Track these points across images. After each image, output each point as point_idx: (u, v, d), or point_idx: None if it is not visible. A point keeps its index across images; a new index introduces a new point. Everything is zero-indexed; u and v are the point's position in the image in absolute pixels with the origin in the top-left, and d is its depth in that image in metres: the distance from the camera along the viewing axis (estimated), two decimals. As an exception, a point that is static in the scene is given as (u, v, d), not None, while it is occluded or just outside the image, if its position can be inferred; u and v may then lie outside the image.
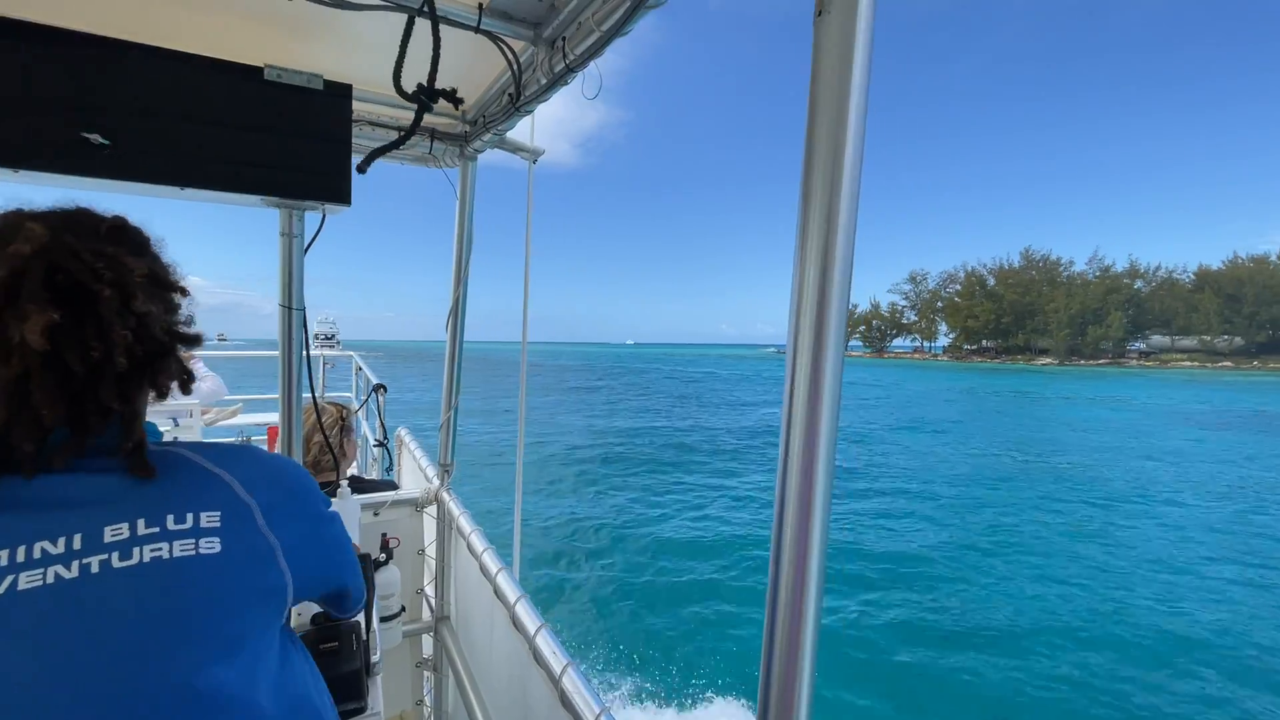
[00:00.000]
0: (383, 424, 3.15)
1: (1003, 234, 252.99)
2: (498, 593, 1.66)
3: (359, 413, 3.91)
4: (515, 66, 1.45)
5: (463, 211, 2.20)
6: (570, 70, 1.36)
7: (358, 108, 1.80)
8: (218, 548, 0.59)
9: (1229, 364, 77.29)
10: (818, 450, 0.63)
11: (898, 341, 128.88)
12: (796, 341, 0.63)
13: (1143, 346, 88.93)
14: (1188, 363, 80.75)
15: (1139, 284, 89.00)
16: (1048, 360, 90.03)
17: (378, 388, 3.29)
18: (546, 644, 1.37)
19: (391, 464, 3.13)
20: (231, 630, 0.58)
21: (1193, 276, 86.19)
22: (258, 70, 1.35)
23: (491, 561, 1.79)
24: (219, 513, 0.61)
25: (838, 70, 0.61)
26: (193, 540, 0.58)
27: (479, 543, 1.91)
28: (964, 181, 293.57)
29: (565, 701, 1.20)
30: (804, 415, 0.63)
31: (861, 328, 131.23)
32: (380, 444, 3.13)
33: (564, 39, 1.34)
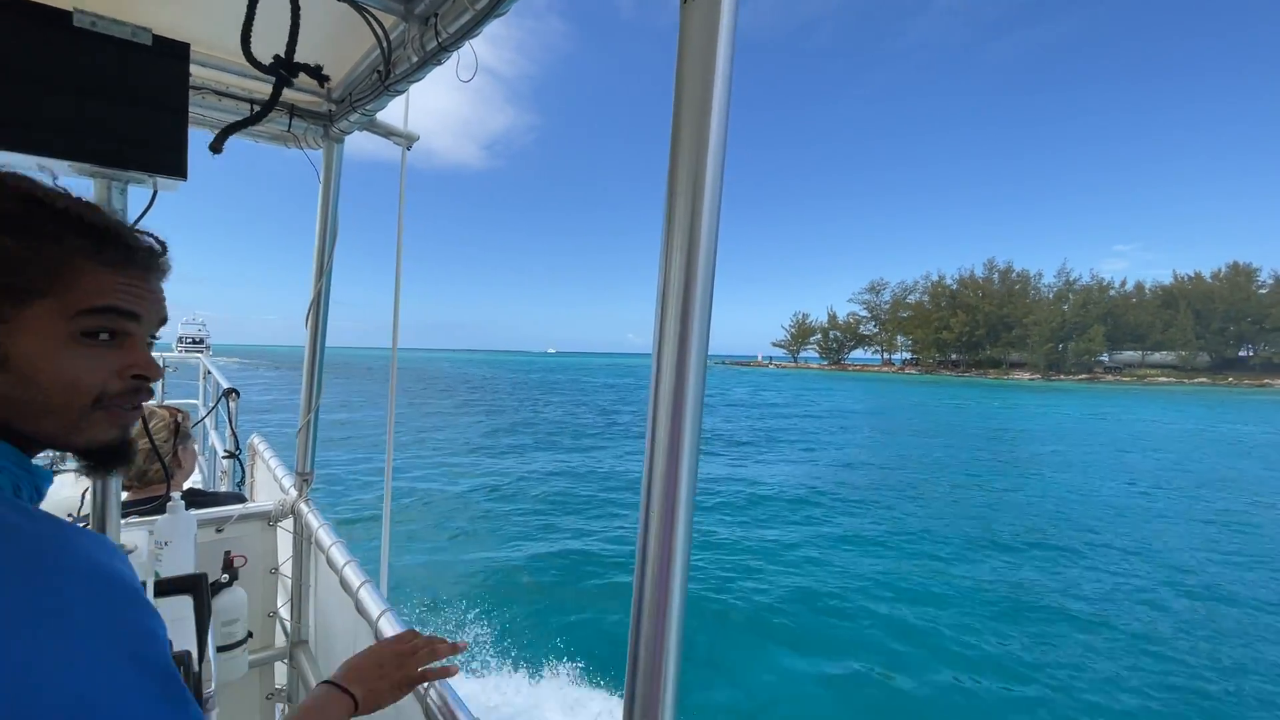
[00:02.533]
0: (234, 433, 2.97)
1: (955, 243, 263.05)
2: (360, 609, 1.60)
3: (207, 420, 3.70)
4: (385, 43, 1.44)
5: (326, 197, 2.15)
6: (443, 49, 1.35)
7: (203, 74, 1.72)
8: None
9: (1204, 379, 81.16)
10: (681, 454, 0.67)
11: (857, 353, 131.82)
12: (661, 334, 0.67)
13: (1106, 360, 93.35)
14: (1163, 378, 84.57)
15: (1110, 295, 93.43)
16: (1025, 375, 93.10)
17: (228, 393, 3.14)
18: None
19: (244, 477, 3.00)
20: None
21: (1160, 290, 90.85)
22: (65, 14, 1.23)
23: (354, 576, 1.72)
24: None
25: (702, 58, 0.65)
26: None
27: (340, 556, 1.83)
28: (921, 185, 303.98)
29: (431, 716, 1.19)
30: (668, 420, 0.67)
31: (815, 337, 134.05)
32: (231, 455, 2.96)
33: (437, 16, 1.32)
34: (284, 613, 2.35)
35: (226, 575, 1.82)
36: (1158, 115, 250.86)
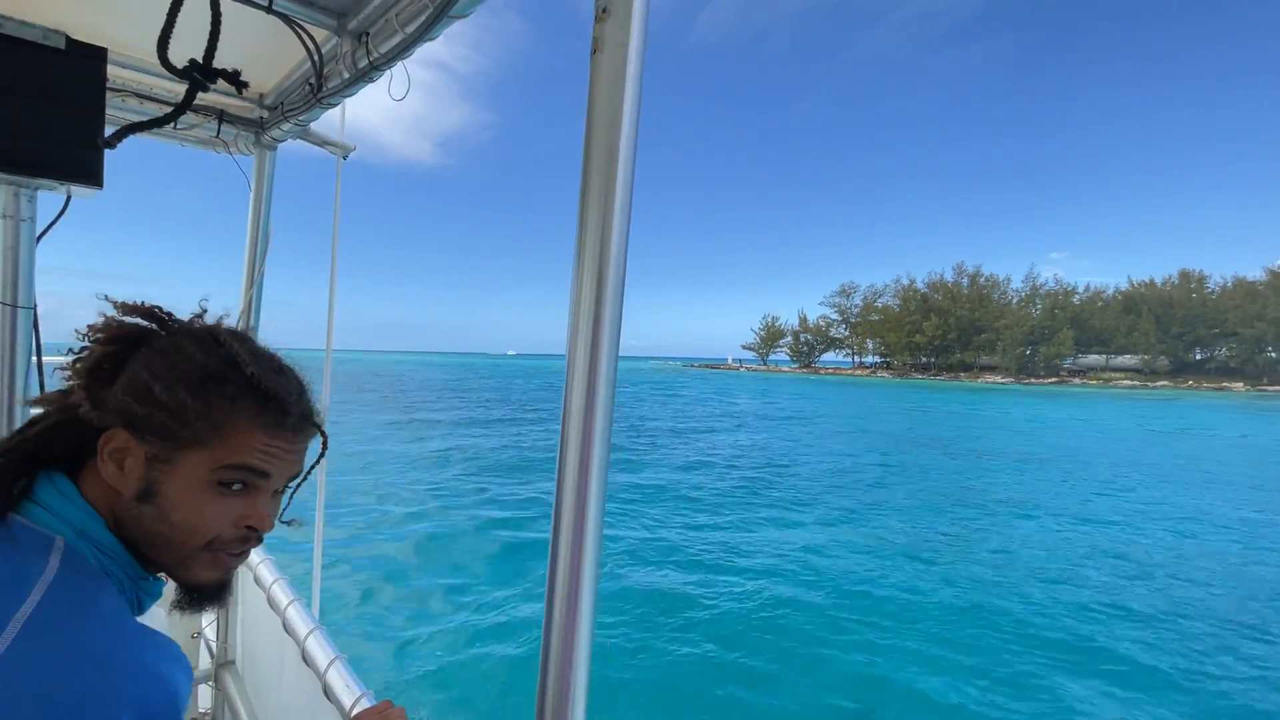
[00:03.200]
0: None
1: (908, 249, 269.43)
2: (287, 627, 1.61)
3: None
4: (316, 56, 1.46)
5: (257, 205, 2.13)
6: (375, 68, 1.38)
7: (125, 76, 1.70)
8: None
9: (1166, 383, 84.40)
10: (592, 455, 0.71)
11: (828, 356, 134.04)
12: (574, 349, 0.72)
13: (1069, 364, 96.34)
14: (1127, 381, 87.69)
15: (1074, 300, 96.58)
16: (996, 378, 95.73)
17: None
18: (340, 676, 1.37)
19: None
20: None
21: (1120, 296, 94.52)
22: None
23: (282, 594, 1.73)
24: None
25: (610, 104, 0.72)
26: None
27: (268, 574, 1.85)
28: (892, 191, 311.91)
29: None
30: (579, 421, 0.71)
31: (786, 340, 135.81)
32: None
33: (369, 34, 1.35)
34: (209, 633, 2.31)
35: None
36: (1086, 130, 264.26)
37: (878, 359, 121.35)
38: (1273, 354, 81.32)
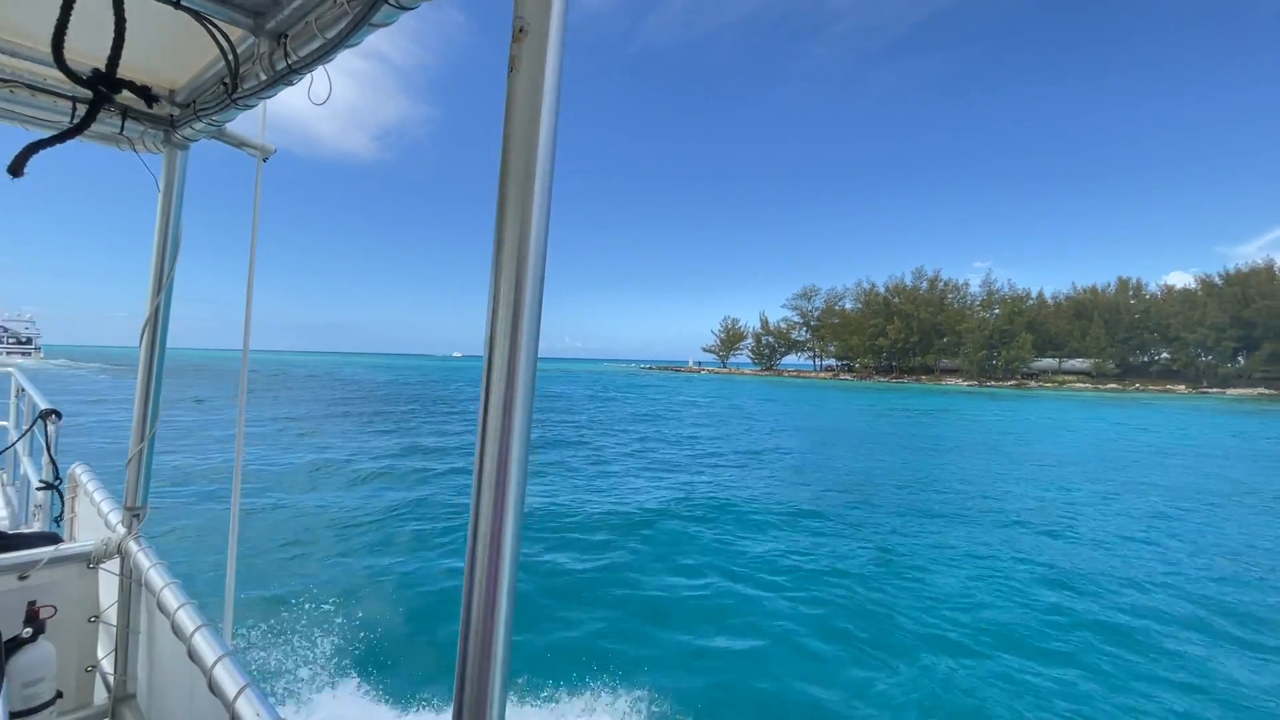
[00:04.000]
0: (53, 461, 2.74)
1: (852, 254, 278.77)
2: (193, 655, 1.53)
3: (19, 446, 3.54)
4: (230, 56, 1.42)
5: (167, 207, 2.07)
6: (294, 71, 1.33)
7: (15, 65, 1.61)
8: None
9: (1115, 385, 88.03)
10: (510, 455, 0.72)
11: (790, 358, 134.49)
12: (492, 353, 0.74)
13: (1024, 367, 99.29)
14: (1079, 384, 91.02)
15: (1028, 305, 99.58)
16: (958, 381, 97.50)
17: (46, 414, 2.88)
18: (250, 705, 1.32)
19: (63, 512, 2.77)
20: None
21: (1071, 301, 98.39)
22: None
23: (188, 619, 1.64)
24: None
25: (527, 123, 0.74)
26: None
27: (173, 598, 1.74)
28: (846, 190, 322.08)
29: None
30: (498, 420, 0.72)
31: (747, 342, 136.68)
32: (47, 486, 2.72)
33: (288, 36, 1.31)
34: (106, 665, 2.20)
35: (29, 629, 1.75)
36: (1006, 145, 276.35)
37: (838, 361, 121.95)
38: (1211, 359, 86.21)
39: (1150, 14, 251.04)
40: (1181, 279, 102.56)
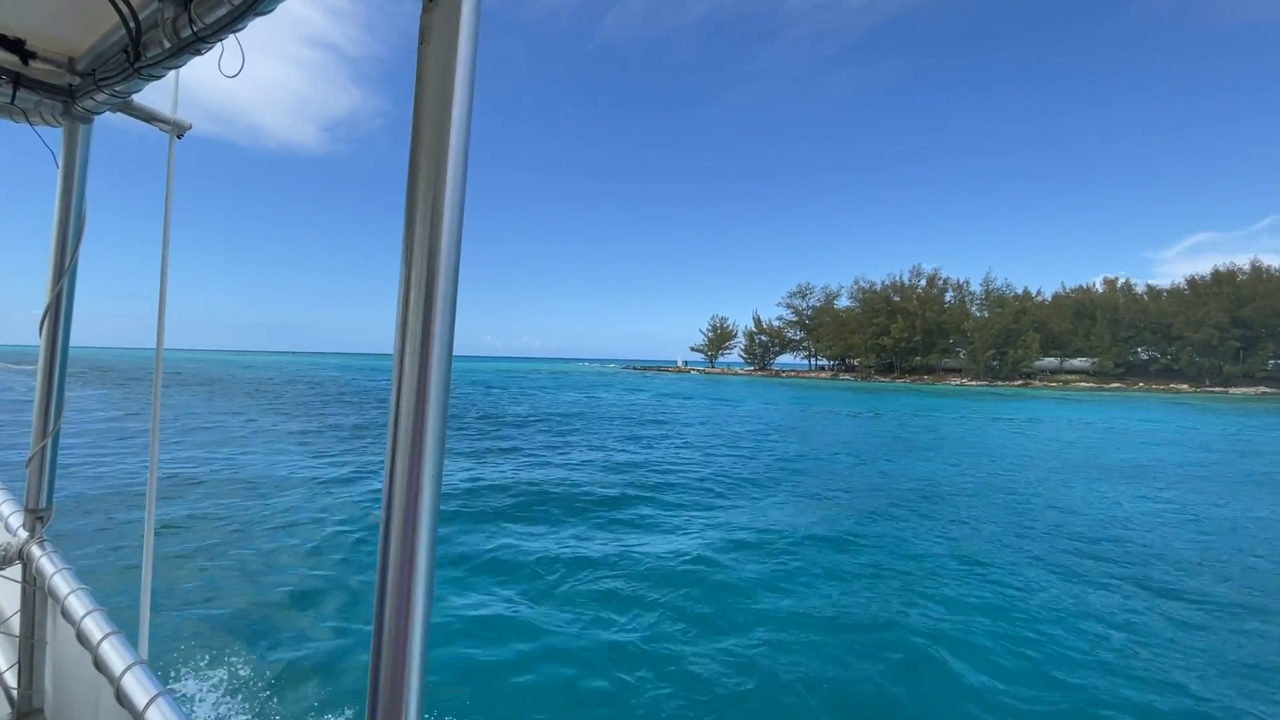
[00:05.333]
0: None
1: (828, 255, 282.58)
2: (100, 664, 1.47)
3: None
4: (132, 22, 1.34)
5: (69, 185, 1.96)
6: (201, 39, 1.27)
7: None
8: None
9: (1119, 385, 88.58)
10: (424, 457, 0.70)
11: (785, 358, 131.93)
12: (403, 345, 0.71)
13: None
14: (1083, 384, 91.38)
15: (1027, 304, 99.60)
16: (963, 380, 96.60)
17: None
18: (161, 715, 1.28)
19: None
20: None
21: (1070, 301, 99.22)
22: None
23: (96, 627, 1.56)
24: None
25: (439, 97, 0.71)
26: None
27: (80, 605, 1.66)
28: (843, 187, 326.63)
29: None
30: (410, 421, 0.69)
31: (737, 341, 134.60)
32: None
33: (192, 2, 1.23)
34: (9, 678, 2.16)
35: None
36: (952, 151, 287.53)
37: (835, 361, 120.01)
38: (1213, 359, 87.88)
39: (1082, 24, 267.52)
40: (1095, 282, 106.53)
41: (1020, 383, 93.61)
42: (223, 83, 1.55)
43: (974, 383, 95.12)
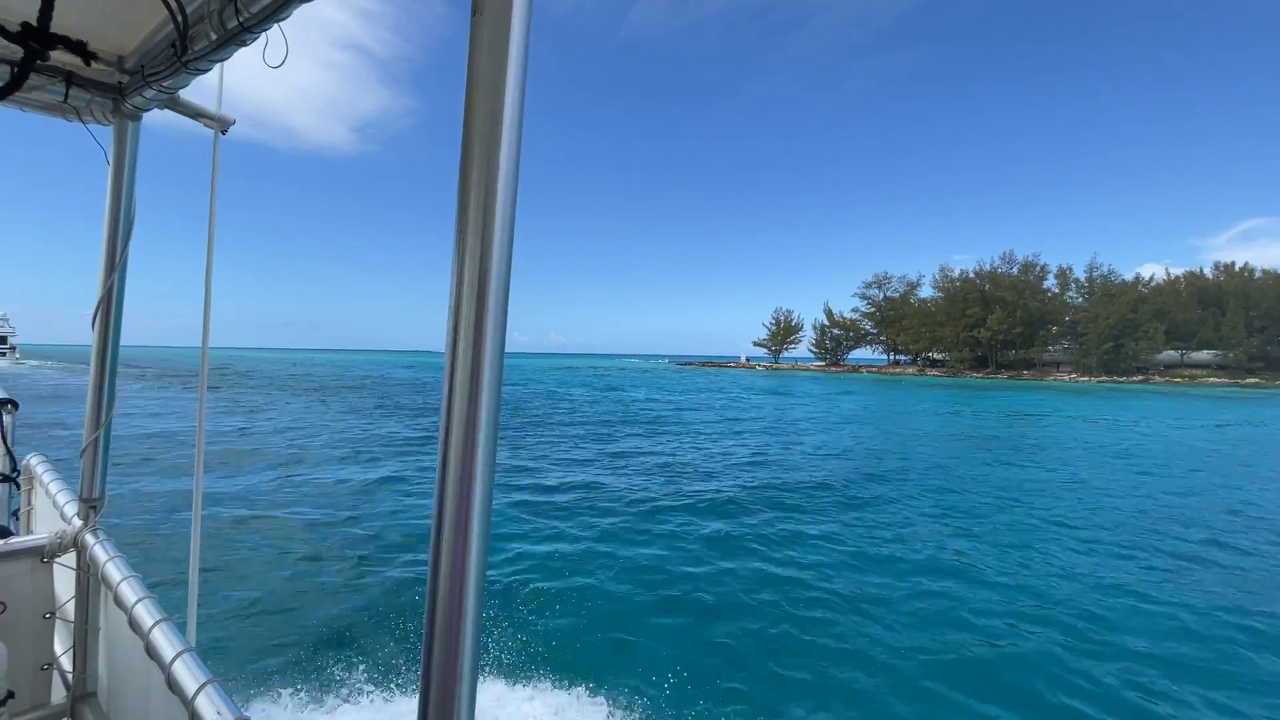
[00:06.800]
0: (10, 452, 2.73)
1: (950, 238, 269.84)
2: (151, 651, 1.51)
3: None
4: (180, 15, 1.36)
5: (119, 182, 2.00)
6: (246, 30, 1.28)
7: None
8: None
9: (1256, 381, 79.73)
10: (476, 453, 0.70)
11: (860, 353, 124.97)
12: (456, 341, 0.71)
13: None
14: (1213, 379, 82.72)
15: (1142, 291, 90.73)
16: (1074, 376, 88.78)
17: (3, 403, 2.77)
18: (210, 703, 1.30)
19: (22, 505, 2.76)
20: None
21: (1196, 288, 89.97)
22: None
23: (147, 614, 1.61)
24: None
25: (493, 69, 0.70)
26: None
27: (132, 592, 1.71)
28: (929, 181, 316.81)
29: None
30: (462, 419, 0.70)
31: (804, 334, 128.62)
32: (4, 479, 2.72)
33: None
34: (64, 662, 2.21)
35: None
36: (992, 138, 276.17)
37: (916, 356, 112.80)
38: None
39: (1130, 9, 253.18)
40: (1153, 271, 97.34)
41: (1140, 378, 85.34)
42: (258, 85, 1.52)
43: (1085, 378, 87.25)
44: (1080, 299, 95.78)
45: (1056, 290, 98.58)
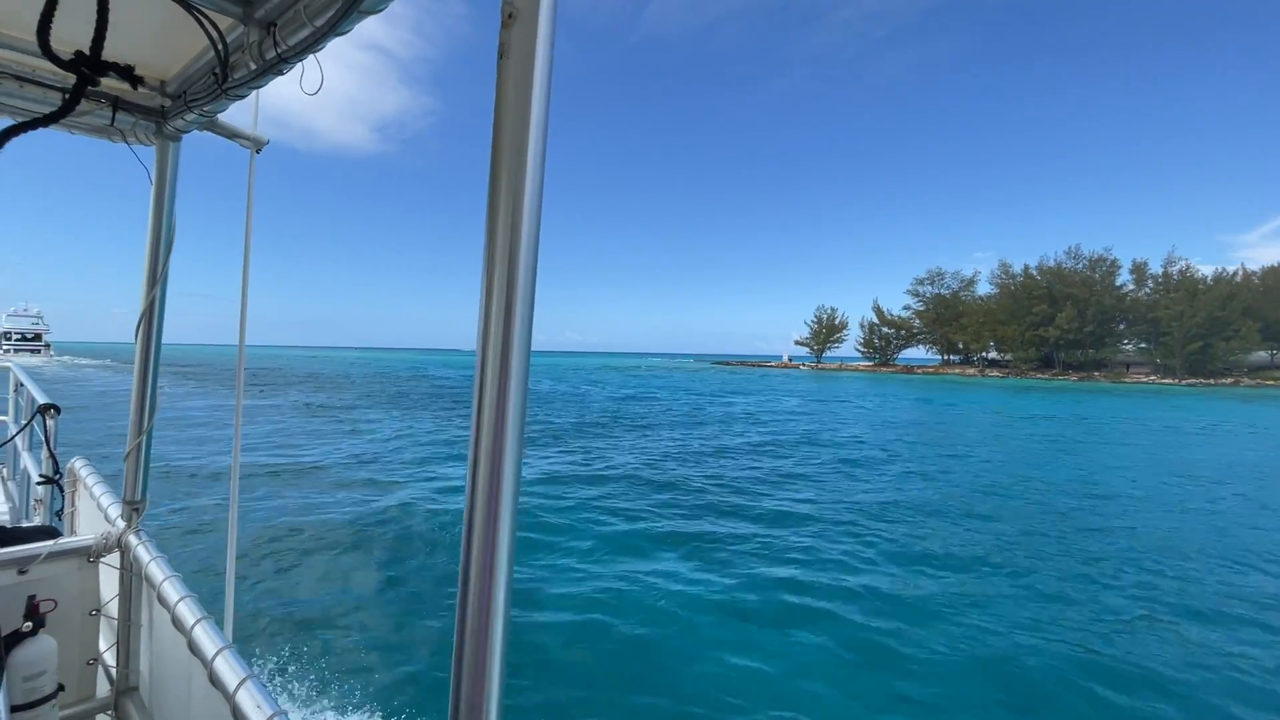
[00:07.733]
0: (52, 455, 2.79)
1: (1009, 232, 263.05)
2: (194, 648, 1.57)
3: (18, 440, 3.50)
4: (220, 45, 1.42)
5: (160, 200, 2.12)
6: (284, 60, 1.34)
7: (3, 57, 1.63)
8: None
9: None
10: (504, 452, 0.71)
11: (911, 353, 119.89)
12: (486, 344, 0.73)
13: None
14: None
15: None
16: (1152, 377, 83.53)
17: (44, 409, 2.92)
18: (250, 698, 1.33)
19: (64, 506, 2.78)
20: None
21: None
22: None
23: (189, 612, 1.67)
24: None
25: (518, 110, 0.73)
26: None
27: (174, 591, 1.78)
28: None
29: None
30: (492, 417, 0.71)
31: (848, 333, 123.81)
32: (48, 480, 2.77)
33: (276, 25, 1.32)
34: (109, 658, 2.26)
35: (30, 623, 1.74)
36: (1016, 128, 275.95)
37: (974, 355, 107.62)
38: None
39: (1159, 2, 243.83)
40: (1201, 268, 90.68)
41: (1231, 380, 79.89)
42: (280, 89, 1.54)
43: (1168, 380, 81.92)
44: (1152, 295, 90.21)
45: (1133, 285, 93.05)
